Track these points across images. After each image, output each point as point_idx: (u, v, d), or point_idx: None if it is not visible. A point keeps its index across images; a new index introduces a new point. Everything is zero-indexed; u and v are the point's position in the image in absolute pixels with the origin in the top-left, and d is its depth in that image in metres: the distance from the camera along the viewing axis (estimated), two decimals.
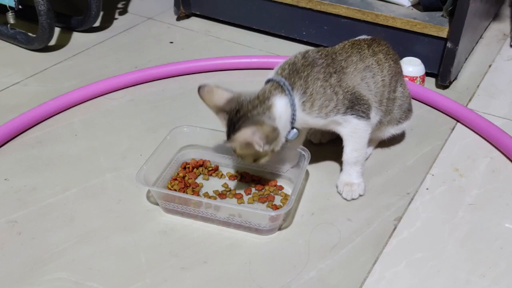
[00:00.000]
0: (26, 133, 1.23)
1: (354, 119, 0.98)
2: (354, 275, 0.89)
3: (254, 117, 0.92)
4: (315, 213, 1.02)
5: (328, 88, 0.95)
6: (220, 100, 0.96)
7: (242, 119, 0.92)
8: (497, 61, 1.57)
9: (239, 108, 0.93)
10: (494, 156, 1.17)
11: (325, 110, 0.96)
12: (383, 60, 1.04)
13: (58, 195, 1.05)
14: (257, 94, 0.95)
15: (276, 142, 0.95)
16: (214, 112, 0.98)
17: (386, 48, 1.07)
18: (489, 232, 0.98)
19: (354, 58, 1.01)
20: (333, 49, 1.03)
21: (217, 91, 0.97)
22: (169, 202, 0.99)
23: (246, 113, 0.92)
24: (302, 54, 1.00)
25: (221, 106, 0.96)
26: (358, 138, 1.01)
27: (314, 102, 0.95)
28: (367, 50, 1.04)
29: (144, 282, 0.87)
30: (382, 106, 1.04)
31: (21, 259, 0.91)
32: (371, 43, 1.06)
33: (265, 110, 0.92)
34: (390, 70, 1.04)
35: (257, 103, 0.93)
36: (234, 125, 0.93)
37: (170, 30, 1.74)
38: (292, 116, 0.95)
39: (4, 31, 1.61)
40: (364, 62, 1.01)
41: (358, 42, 1.05)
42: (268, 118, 0.92)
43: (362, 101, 0.98)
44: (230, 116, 0.94)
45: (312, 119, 0.97)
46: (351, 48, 1.03)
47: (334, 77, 0.96)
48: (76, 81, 1.43)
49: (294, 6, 1.56)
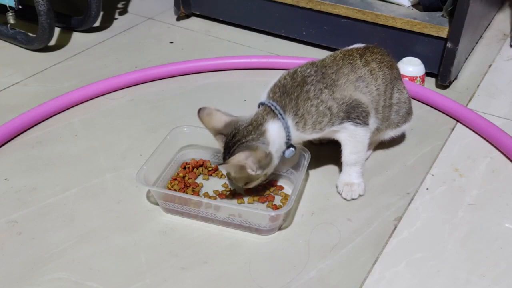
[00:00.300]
0: (26, 133, 1.23)
1: (351, 126, 0.99)
2: (354, 275, 0.89)
3: (248, 143, 0.94)
4: (315, 213, 1.02)
5: (320, 105, 0.96)
6: (219, 123, 0.98)
7: (237, 144, 0.94)
8: (497, 61, 1.57)
9: (235, 133, 0.95)
10: (494, 156, 1.17)
11: (319, 126, 0.97)
12: (376, 69, 1.03)
13: (58, 195, 1.05)
14: (251, 119, 0.96)
15: (269, 167, 0.97)
16: (213, 134, 0.99)
17: (380, 55, 1.06)
18: (489, 232, 0.98)
19: (346, 70, 1.01)
20: (323, 62, 1.02)
21: (216, 114, 0.98)
22: (169, 202, 0.99)
23: (241, 138, 0.94)
24: (290, 74, 1.00)
25: (219, 129, 0.98)
26: (356, 143, 1.01)
27: (307, 122, 0.96)
28: (359, 60, 1.03)
29: (144, 282, 0.87)
30: (379, 114, 1.04)
31: (21, 259, 0.91)
32: (363, 52, 1.05)
33: (259, 136, 0.94)
34: (384, 79, 1.04)
35: (251, 129, 0.95)
36: (230, 149, 0.95)
37: (170, 30, 1.74)
38: (287, 137, 0.97)
39: (4, 31, 1.61)
40: (356, 73, 1.01)
41: (350, 53, 1.04)
42: (262, 143, 0.94)
43: (360, 108, 0.99)
44: (227, 140, 0.96)
45: (308, 135, 0.99)
46: (342, 60, 1.02)
47: (325, 93, 0.97)
48: (76, 81, 1.43)
49: (294, 6, 1.56)
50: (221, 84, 1.44)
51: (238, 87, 1.43)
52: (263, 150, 0.94)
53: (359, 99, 0.99)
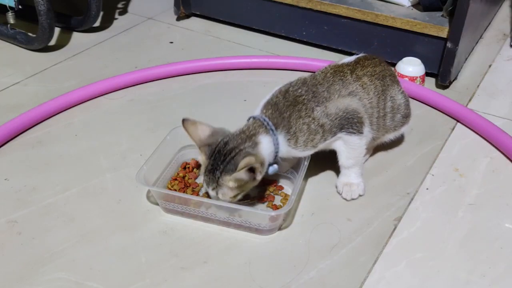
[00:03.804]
0: (26, 133, 1.23)
1: (345, 135, 0.99)
2: (354, 275, 0.89)
3: (245, 149, 0.93)
4: (315, 213, 1.02)
5: (312, 123, 0.96)
6: (204, 132, 0.97)
7: (235, 150, 0.92)
8: (497, 61, 1.57)
9: (228, 140, 0.94)
10: (494, 156, 1.17)
11: (311, 144, 0.97)
12: (368, 83, 1.03)
13: (58, 195, 1.05)
14: (242, 129, 0.96)
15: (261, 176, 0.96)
16: (197, 146, 0.97)
17: (371, 67, 1.06)
18: (489, 232, 0.98)
19: (337, 87, 1.01)
20: (314, 81, 1.02)
21: (201, 125, 0.97)
22: (169, 202, 0.99)
23: (238, 145, 0.93)
24: (282, 93, 1.00)
25: (204, 139, 0.96)
26: (351, 149, 1.01)
27: (298, 139, 0.96)
28: (350, 76, 1.03)
29: (144, 282, 0.87)
30: (373, 125, 1.04)
31: (21, 259, 0.91)
32: (354, 67, 1.05)
33: (253, 145, 0.94)
34: (376, 91, 1.04)
35: (244, 138, 0.94)
36: (224, 156, 0.92)
37: (170, 30, 1.74)
38: (275, 153, 0.96)
39: (4, 31, 1.61)
40: (347, 88, 1.01)
41: (341, 69, 1.04)
42: (257, 152, 0.94)
43: (354, 119, 0.99)
44: (217, 147, 0.94)
45: (300, 152, 0.98)
46: (332, 76, 1.03)
47: (317, 110, 0.97)
48: (76, 81, 1.43)
49: (294, 6, 1.56)
50: (221, 84, 1.44)
51: (238, 87, 1.43)
52: (262, 157, 0.94)
53: (355, 108, 0.99)
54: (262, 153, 0.94)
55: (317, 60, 1.46)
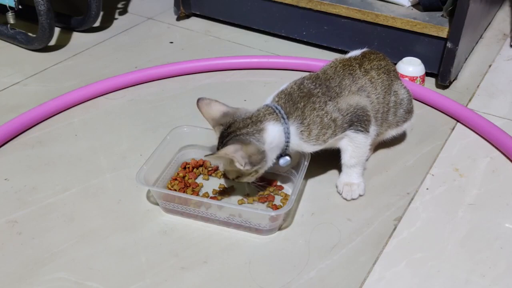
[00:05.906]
0: (26, 133, 1.23)
1: (352, 133, 1.00)
2: (354, 275, 0.89)
3: (242, 136, 0.93)
4: (315, 213, 1.02)
5: (325, 117, 0.97)
6: (217, 113, 0.98)
7: (231, 135, 0.94)
8: (497, 61, 1.57)
9: (231, 123, 0.95)
10: (494, 156, 1.17)
11: (323, 138, 0.97)
12: (375, 77, 1.04)
13: (58, 195, 1.05)
14: (251, 114, 0.96)
15: (261, 165, 0.96)
16: (211, 125, 0.99)
17: (377, 61, 1.07)
18: (489, 232, 0.98)
19: (347, 82, 1.02)
20: (326, 75, 1.03)
21: (215, 104, 0.98)
22: (169, 202, 0.99)
23: (236, 130, 0.94)
24: (297, 85, 1.00)
25: (217, 119, 0.98)
26: (356, 148, 1.02)
27: (311, 132, 0.96)
28: (358, 70, 1.04)
29: (144, 282, 0.87)
30: (378, 121, 1.05)
31: (21, 259, 0.91)
32: (362, 61, 1.06)
33: (255, 132, 0.93)
34: (383, 86, 1.05)
35: (249, 123, 0.94)
36: (223, 139, 0.95)
37: (170, 30, 1.74)
38: (286, 143, 0.96)
39: (4, 31, 1.61)
40: (357, 83, 1.02)
41: (349, 63, 1.05)
42: (256, 140, 0.93)
43: (364, 116, 0.99)
44: (223, 130, 0.96)
45: (311, 147, 0.98)
46: (342, 70, 1.03)
47: (329, 104, 0.98)
48: (76, 81, 1.43)
49: (294, 6, 1.56)
50: (221, 84, 1.44)
51: (238, 87, 1.43)
52: (256, 146, 0.93)
53: (364, 106, 1.00)
54: (266, 140, 0.94)
55: (317, 60, 1.46)
